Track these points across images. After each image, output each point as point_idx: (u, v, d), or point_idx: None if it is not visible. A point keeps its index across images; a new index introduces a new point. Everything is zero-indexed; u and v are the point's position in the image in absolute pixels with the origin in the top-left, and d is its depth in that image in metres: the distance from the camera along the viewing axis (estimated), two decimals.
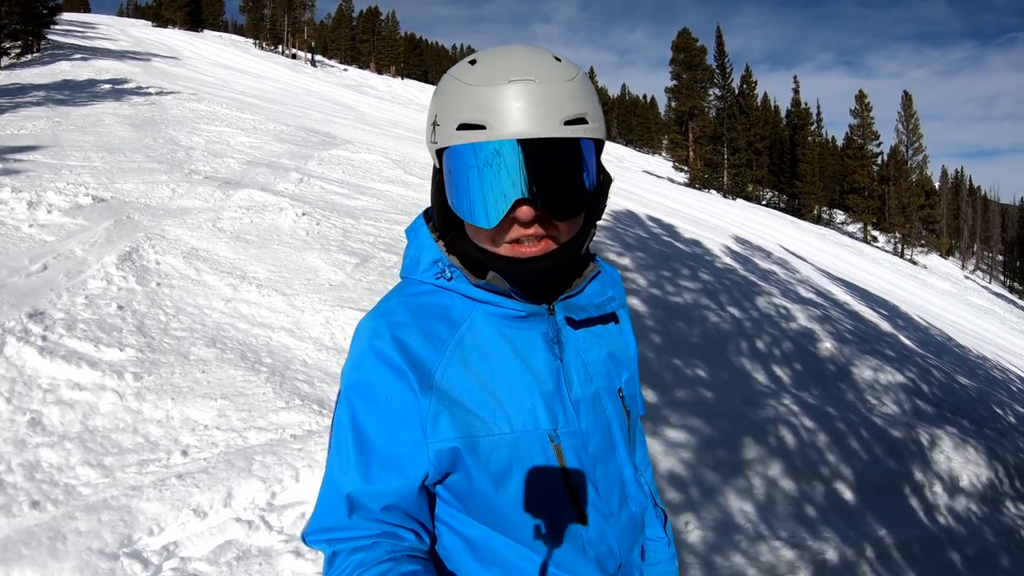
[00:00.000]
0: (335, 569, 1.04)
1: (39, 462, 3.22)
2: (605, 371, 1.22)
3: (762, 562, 3.61)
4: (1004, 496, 5.29)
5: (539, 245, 1.08)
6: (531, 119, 1.00)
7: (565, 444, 1.12)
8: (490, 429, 1.07)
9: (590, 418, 1.17)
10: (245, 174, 9.13)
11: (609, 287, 1.28)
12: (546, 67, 1.03)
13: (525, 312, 1.13)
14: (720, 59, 55.69)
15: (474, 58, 1.07)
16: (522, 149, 1.00)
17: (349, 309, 5.35)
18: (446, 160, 1.07)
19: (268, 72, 39.09)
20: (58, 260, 5.29)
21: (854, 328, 8.97)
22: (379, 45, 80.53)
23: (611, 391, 1.22)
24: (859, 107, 60.55)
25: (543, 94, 1.01)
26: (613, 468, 1.20)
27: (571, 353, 1.17)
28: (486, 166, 1.02)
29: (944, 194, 77.12)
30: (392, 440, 1.06)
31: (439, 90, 1.09)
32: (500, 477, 1.08)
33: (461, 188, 1.05)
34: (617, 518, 1.20)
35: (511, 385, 1.10)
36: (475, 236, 1.11)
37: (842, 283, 15.38)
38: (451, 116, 1.04)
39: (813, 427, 5.13)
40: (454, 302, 1.13)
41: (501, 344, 1.12)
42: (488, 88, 1.01)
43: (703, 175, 51.86)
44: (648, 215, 12.93)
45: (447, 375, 1.08)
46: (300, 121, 15.86)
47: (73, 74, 17.43)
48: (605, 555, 1.18)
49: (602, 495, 1.17)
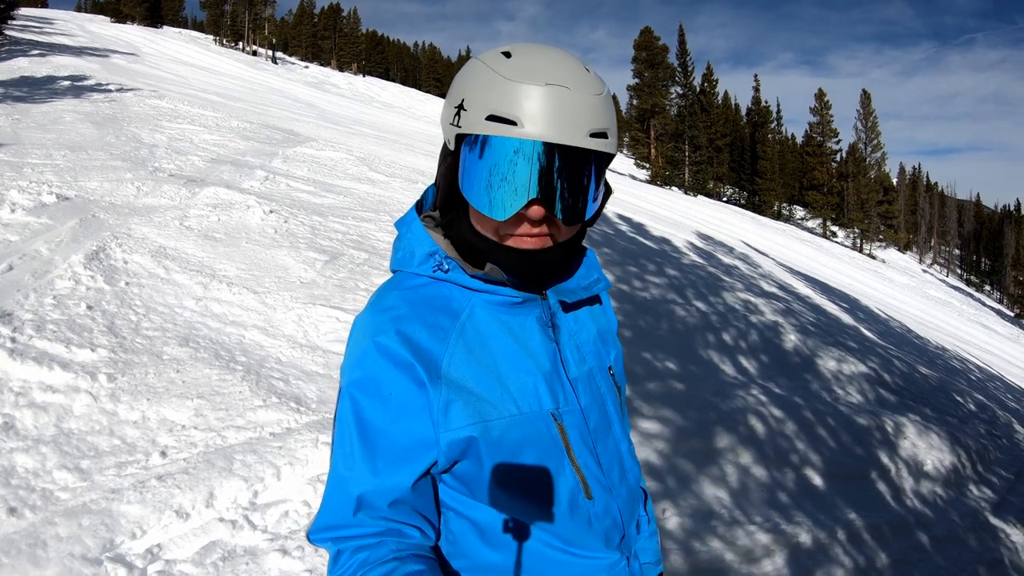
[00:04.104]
0: (339, 568, 1.04)
1: (14, 467, 3.15)
2: (596, 350, 1.27)
3: (739, 546, 3.69)
4: (967, 480, 5.46)
5: (538, 240, 1.11)
6: (561, 126, 1.02)
7: (567, 422, 1.16)
8: (500, 412, 1.10)
9: (587, 396, 1.21)
10: (210, 172, 9.01)
11: (594, 270, 1.33)
12: (580, 77, 1.06)
13: (521, 299, 1.17)
14: (682, 58, 56.22)
15: (508, 51, 1.08)
16: (546, 152, 1.03)
17: (321, 306, 5.33)
18: (466, 146, 1.08)
19: (229, 69, 38.51)
20: (24, 260, 5.18)
21: (817, 321, 9.16)
22: (341, 42, 79.73)
23: (602, 369, 1.27)
24: (819, 105, 61.57)
25: (575, 103, 1.03)
26: (611, 443, 1.25)
27: (565, 335, 1.22)
28: (508, 162, 1.04)
29: (902, 190, 78.73)
30: (399, 435, 1.07)
31: (467, 74, 1.10)
32: (510, 458, 1.11)
33: (478, 177, 1.07)
34: (618, 491, 1.24)
35: (513, 368, 1.14)
36: (479, 223, 1.13)
37: (803, 277, 15.67)
38: (480, 104, 1.05)
39: (782, 416, 5.24)
40: (452, 293, 1.15)
41: (500, 330, 1.15)
42: (524, 85, 1.03)
43: (665, 172, 52.36)
44: (613, 212, 13.03)
45: (454, 363, 1.10)
46: (263, 118, 15.68)
47: (31, 71, 16.96)
48: (610, 528, 1.22)
49: (604, 470, 1.22)
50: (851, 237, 59.19)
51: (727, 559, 3.60)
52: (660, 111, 55.50)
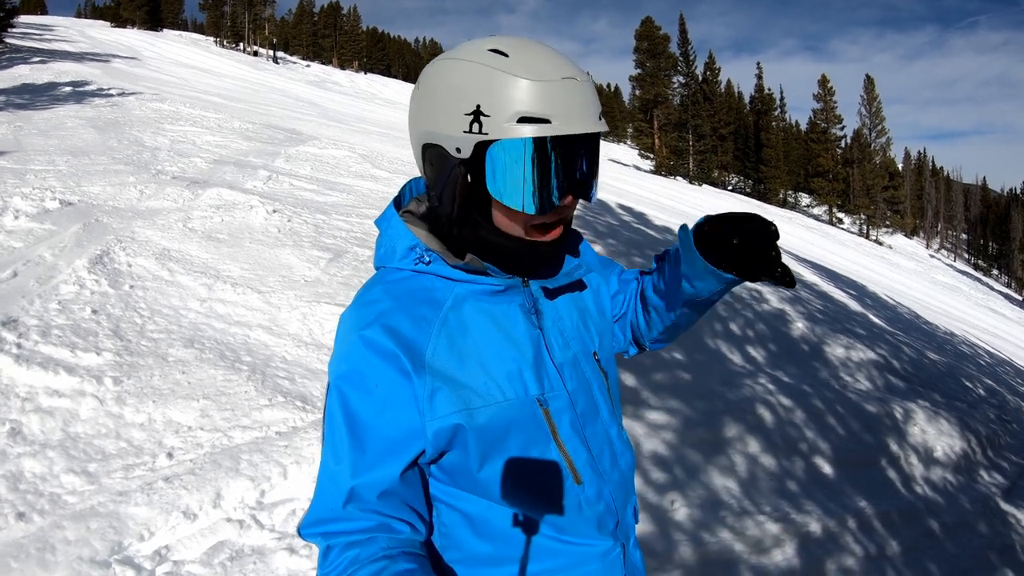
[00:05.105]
0: (329, 564, 1.05)
1: (22, 472, 3.17)
2: (579, 336, 1.28)
3: (748, 536, 3.68)
4: (977, 465, 5.43)
5: (559, 230, 1.16)
6: (584, 116, 1.08)
7: (554, 407, 1.17)
8: (485, 399, 1.11)
9: (573, 380, 1.22)
10: (213, 173, 9.02)
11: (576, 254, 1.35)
12: (573, 65, 1.10)
13: (503, 286, 1.18)
14: (683, 47, 56.14)
15: (497, 48, 1.08)
16: (577, 143, 1.09)
17: (326, 304, 5.33)
18: (495, 151, 1.07)
19: (230, 70, 38.54)
20: (28, 266, 5.19)
21: (824, 308, 9.12)
22: (341, 40, 79.82)
23: (587, 355, 1.28)
24: (822, 92, 61.40)
25: (585, 91, 1.09)
26: (600, 427, 1.26)
27: (548, 321, 1.23)
28: (546, 157, 1.07)
29: (907, 175, 78.47)
30: (387, 425, 1.08)
31: (468, 79, 1.08)
32: (497, 445, 1.12)
33: (515, 178, 1.08)
34: (610, 475, 1.25)
35: (497, 356, 1.15)
36: (508, 222, 1.14)
37: (810, 265, 15.59)
38: (505, 107, 1.05)
39: (790, 405, 5.22)
40: (434, 284, 1.16)
41: (483, 319, 1.16)
42: (545, 84, 1.05)
43: (669, 162, 52.29)
44: (617, 203, 12.99)
45: (437, 353, 1.11)
46: (265, 118, 15.67)
47: (32, 77, 17.00)
48: (604, 513, 1.22)
49: (594, 454, 1.22)
50: (857, 223, 59.05)
51: (737, 549, 3.59)
52: (663, 101, 55.45)
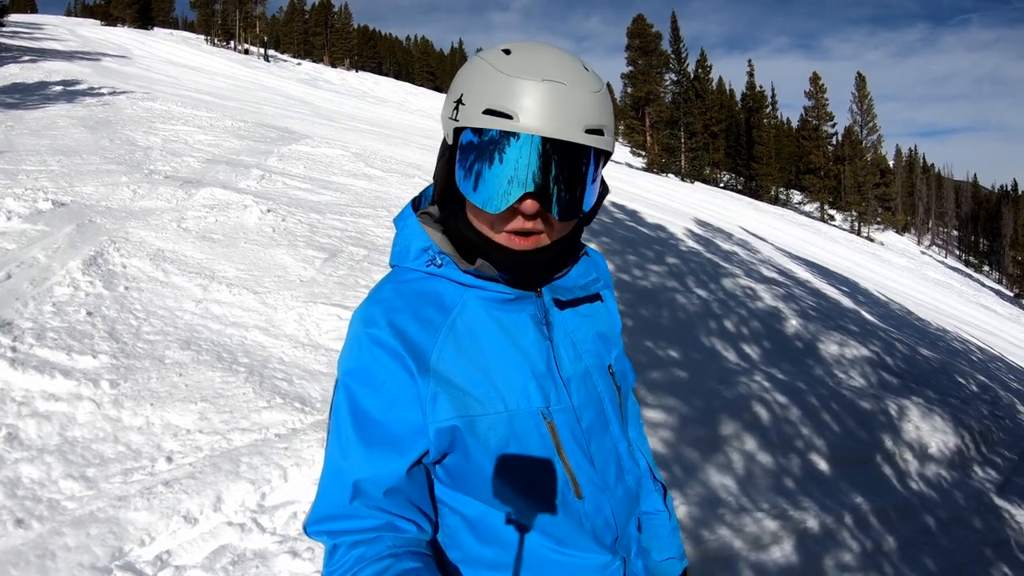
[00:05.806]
0: (335, 562, 1.04)
1: (19, 478, 3.15)
2: (594, 349, 1.26)
3: (747, 533, 3.70)
4: (971, 461, 5.47)
5: (532, 239, 1.11)
6: (556, 120, 1.03)
7: (558, 420, 1.16)
8: (485, 408, 1.11)
9: (581, 395, 1.21)
10: (206, 172, 8.98)
11: (593, 270, 1.32)
12: (577, 74, 1.07)
13: (513, 295, 1.17)
14: (675, 44, 56.15)
15: (508, 48, 1.09)
16: (540, 146, 1.03)
17: (322, 304, 5.32)
18: (463, 140, 1.08)
19: (221, 68, 38.35)
20: (21, 268, 5.16)
21: (817, 305, 9.17)
22: (332, 38, 79.48)
23: (601, 368, 1.27)
24: (814, 89, 61.50)
25: (571, 99, 1.04)
26: (608, 443, 1.25)
27: (559, 333, 1.22)
28: (503, 154, 1.04)
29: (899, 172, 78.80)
30: (393, 423, 1.08)
31: (468, 71, 1.11)
32: (497, 454, 1.12)
33: (473, 170, 1.07)
34: (613, 491, 1.24)
35: (503, 365, 1.14)
36: (475, 218, 1.13)
37: (803, 262, 15.66)
38: (478, 98, 1.05)
39: (785, 402, 5.24)
40: (445, 288, 1.16)
41: (492, 326, 1.15)
42: (521, 80, 1.03)
43: (661, 160, 52.31)
44: (611, 201, 13.00)
45: (442, 358, 1.11)
46: (257, 117, 15.62)
47: (23, 77, 16.88)
48: (602, 527, 1.22)
49: (598, 469, 1.21)
50: (849, 220, 59.18)
51: (735, 547, 3.61)
52: (655, 98, 55.45)
